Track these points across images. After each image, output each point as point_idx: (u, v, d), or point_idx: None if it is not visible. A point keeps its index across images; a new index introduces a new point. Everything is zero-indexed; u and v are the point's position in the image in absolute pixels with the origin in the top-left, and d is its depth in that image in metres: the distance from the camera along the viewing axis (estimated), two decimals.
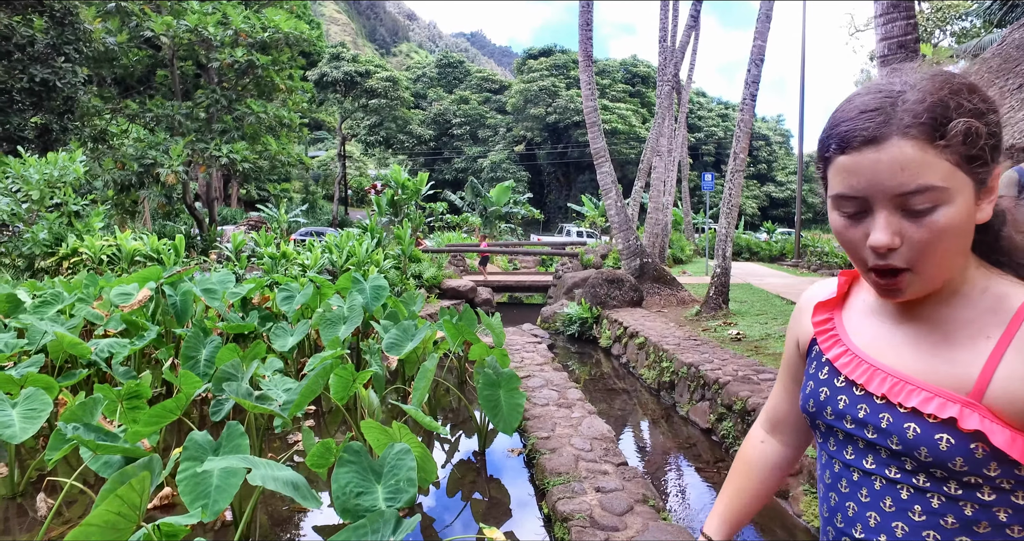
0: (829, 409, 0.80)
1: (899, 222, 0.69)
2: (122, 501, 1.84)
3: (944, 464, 0.68)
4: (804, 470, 3.78)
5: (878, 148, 0.68)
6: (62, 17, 12.21)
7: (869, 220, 0.71)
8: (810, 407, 0.84)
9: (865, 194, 0.70)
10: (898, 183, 0.67)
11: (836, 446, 0.81)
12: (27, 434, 3.17)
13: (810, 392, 0.84)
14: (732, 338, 6.97)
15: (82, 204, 10.25)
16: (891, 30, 4.62)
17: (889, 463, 0.73)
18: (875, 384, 0.75)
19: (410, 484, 2.47)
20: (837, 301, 0.88)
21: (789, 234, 28.29)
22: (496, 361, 4.59)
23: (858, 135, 0.69)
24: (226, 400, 4.03)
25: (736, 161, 8.49)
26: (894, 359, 0.76)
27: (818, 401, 0.82)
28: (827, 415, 0.81)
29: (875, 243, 0.70)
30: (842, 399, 0.79)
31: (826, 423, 0.81)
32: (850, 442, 0.78)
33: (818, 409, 0.82)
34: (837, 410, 0.79)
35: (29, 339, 4.79)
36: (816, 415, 0.83)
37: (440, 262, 13.16)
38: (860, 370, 0.78)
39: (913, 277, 0.71)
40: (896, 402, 0.72)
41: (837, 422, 0.79)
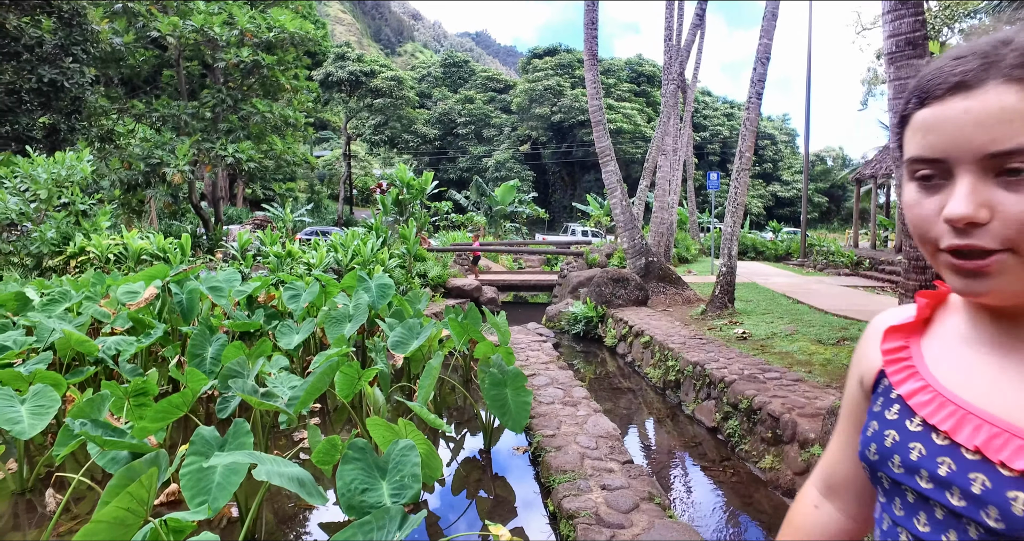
0: (897, 459, 0.61)
1: (988, 191, 0.54)
2: (131, 497, 1.85)
3: None
4: (812, 469, 3.76)
5: (968, 95, 0.55)
6: (70, 18, 12.29)
7: (949, 189, 0.57)
8: (871, 454, 0.65)
9: (946, 154, 0.56)
10: (990, 139, 0.53)
11: (904, 511, 0.61)
12: (36, 430, 3.20)
13: (872, 435, 0.65)
14: (738, 337, 6.95)
15: (89, 203, 10.30)
16: (899, 27, 4.59)
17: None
18: (965, 433, 0.56)
19: (415, 480, 2.47)
20: (916, 326, 0.69)
21: (795, 233, 28.19)
22: (501, 359, 4.59)
23: (944, 81, 0.56)
24: (232, 397, 4.05)
25: (741, 160, 8.46)
26: (992, 401, 0.57)
27: (882, 447, 0.63)
28: (893, 467, 0.62)
29: (951, 213, 0.55)
30: (916, 448, 0.60)
31: (892, 478, 0.62)
32: (924, 508, 0.59)
33: (881, 458, 0.63)
34: (908, 462, 0.60)
35: (37, 337, 4.82)
36: (878, 465, 0.64)
37: (445, 261, 13.17)
38: (944, 412, 0.59)
39: (1014, 263, 0.54)
40: (996, 461, 0.53)
41: (907, 478, 0.60)
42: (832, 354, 5.75)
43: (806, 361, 5.69)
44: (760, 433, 4.48)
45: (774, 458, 4.23)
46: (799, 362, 5.69)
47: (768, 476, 4.18)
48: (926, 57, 4.57)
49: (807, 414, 4.16)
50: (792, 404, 4.38)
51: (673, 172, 15.67)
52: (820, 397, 4.53)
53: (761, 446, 4.44)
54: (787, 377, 5.15)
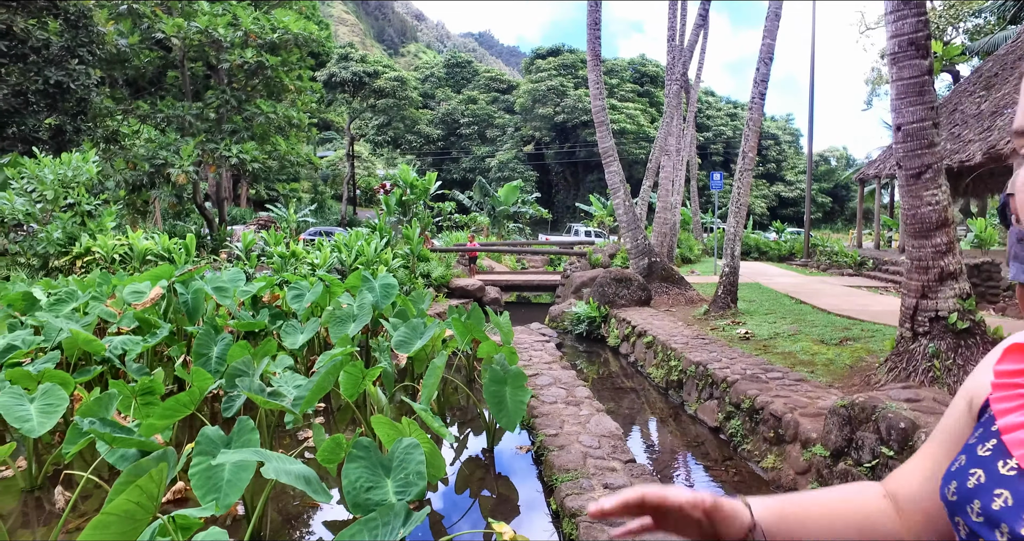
0: (977, 505, 0.51)
1: None
2: (140, 491, 1.88)
3: None
4: (814, 468, 3.78)
5: None
6: (76, 20, 12.36)
7: None
8: (950, 494, 0.55)
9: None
10: None
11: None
12: (45, 428, 3.24)
13: (956, 470, 0.56)
14: (740, 337, 6.96)
15: (95, 204, 10.37)
16: (902, 27, 4.59)
17: None
18: None
19: (419, 477, 2.50)
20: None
21: (798, 234, 28.13)
22: (504, 359, 4.62)
23: None
24: (238, 396, 4.08)
25: (745, 160, 8.47)
26: None
27: (963, 488, 0.53)
28: (972, 514, 0.52)
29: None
30: (1002, 496, 0.49)
31: (970, 526, 0.52)
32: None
33: (960, 500, 0.53)
34: (989, 511, 0.50)
35: (45, 336, 4.87)
36: (956, 510, 0.54)
37: (448, 261, 13.21)
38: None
39: None
40: None
41: (986, 530, 0.50)
42: (834, 354, 5.76)
43: (809, 361, 5.70)
44: (762, 433, 4.49)
45: (776, 458, 4.24)
46: (801, 362, 5.70)
47: (770, 475, 4.19)
48: (929, 58, 4.58)
49: (809, 414, 4.17)
50: (794, 404, 4.39)
51: (676, 172, 15.67)
52: (822, 397, 4.54)
53: (763, 446, 4.45)
54: (789, 377, 5.16)
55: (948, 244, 4.41)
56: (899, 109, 4.59)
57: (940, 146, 4.49)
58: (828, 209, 52.09)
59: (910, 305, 4.56)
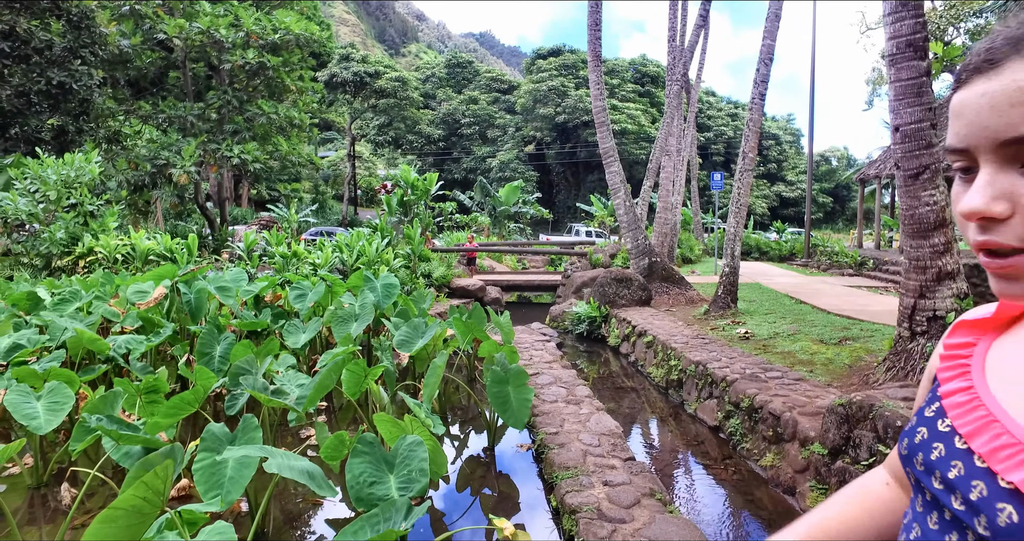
0: (920, 458, 0.60)
1: (1011, 182, 0.50)
2: (147, 487, 1.92)
3: None
4: (812, 466, 3.81)
5: (989, 76, 0.50)
6: (79, 21, 12.41)
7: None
8: (903, 449, 0.64)
9: (967, 143, 0.52)
10: (1005, 124, 0.49)
11: (923, 508, 0.60)
12: (51, 425, 3.28)
13: (908, 430, 0.64)
14: (740, 337, 6.99)
15: (97, 204, 10.42)
16: (900, 29, 4.63)
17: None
18: (982, 439, 0.53)
19: (422, 474, 2.53)
20: (994, 323, 0.63)
21: (799, 234, 28.16)
22: (505, 358, 4.65)
23: (970, 62, 0.53)
24: (241, 394, 4.12)
25: (745, 160, 8.50)
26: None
27: (912, 444, 0.62)
28: (916, 465, 0.61)
29: (961, 208, 0.52)
30: (937, 449, 0.58)
31: (915, 475, 0.61)
32: (936, 508, 0.57)
33: (910, 454, 0.63)
34: (928, 461, 0.59)
35: (50, 335, 4.91)
36: (906, 461, 0.63)
37: (449, 261, 13.25)
38: (971, 416, 0.56)
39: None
40: (995, 470, 0.51)
41: (925, 478, 0.59)
42: (833, 354, 5.79)
43: (808, 360, 5.73)
44: (761, 431, 4.53)
45: (775, 456, 4.27)
46: (801, 361, 5.73)
47: (769, 474, 4.22)
48: (927, 59, 4.61)
49: (808, 413, 4.20)
50: (793, 403, 4.43)
51: (677, 172, 15.71)
52: (821, 396, 4.58)
53: (762, 444, 4.49)
54: (789, 376, 5.20)
55: (946, 244, 4.44)
56: (897, 110, 4.62)
57: (938, 147, 4.52)
58: (829, 209, 52.11)
59: (908, 305, 4.59)
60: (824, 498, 3.39)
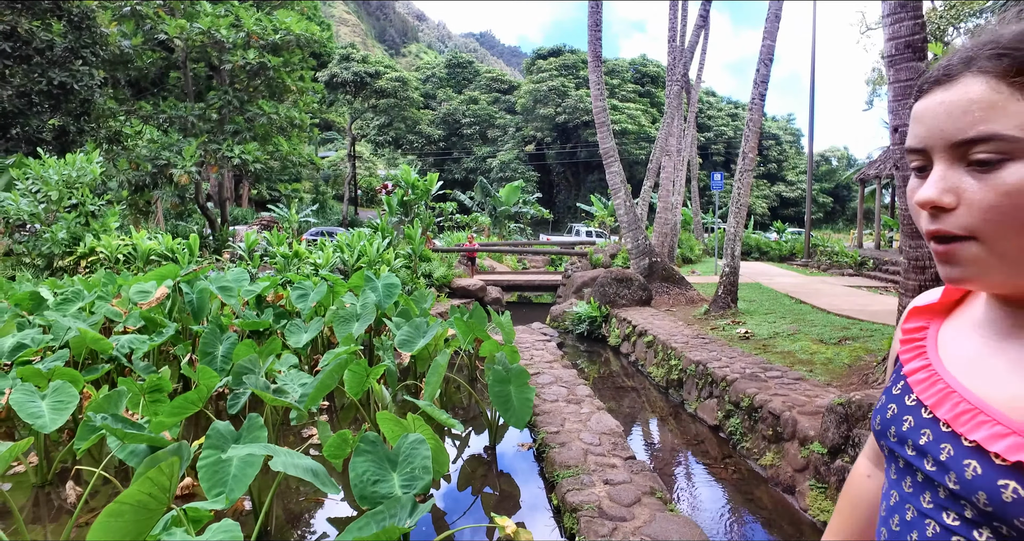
0: (893, 430, 0.69)
1: (959, 178, 0.58)
2: (153, 482, 1.94)
3: (1009, 520, 0.53)
4: (811, 465, 3.83)
5: (946, 87, 0.59)
6: (80, 21, 12.43)
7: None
8: (876, 425, 0.72)
9: (924, 144, 0.60)
10: (956, 128, 0.57)
11: (896, 475, 0.69)
12: (56, 424, 3.30)
13: (880, 408, 0.73)
14: (740, 336, 7.01)
15: (98, 204, 10.44)
16: (898, 30, 4.65)
17: (947, 506, 0.60)
18: (944, 408, 0.62)
19: (425, 472, 2.56)
20: (941, 308, 0.73)
21: (799, 234, 28.18)
22: (506, 357, 4.68)
23: (931, 75, 0.61)
24: (243, 393, 4.14)
25: (745, 160, 8.53)
26: (981, 382, 0.61)
27: (884, 419, 0.71)
28: (890, 437, 0.69)
29: (917, 198, 0.60)
30: (907, 420, 0.67)
31: (889, 446, 0.70)
32: (909, 473, 0.66)
33: (883, 428, 0.71)
34: (900, 432, 0.67)
35: (53, 335, 4.93)
36: (880, 435, 0.72)
37: (450, 261, 13.27)
38: (934, 390, 0.65)
39: (978, 252, 0.58)
40: (960, 432, 0.59)
41: (899, 447, 0.67)
42: (833, 353, 5.81)
43: (807, 360, 5.75)
44: (761, 431, 4.55)
45: (775, 455, 4.30)
46: (800, 361, 5.76)
47: (769, 473, 4.25)
48: (926, 60, 4.64)
49: (807, 412, 4.23)
50: (793, 402, 4.45)
51: (677, 172, 15.73)
52: (820, 395, 4.60)
53: (762, 443, 4.51)
54: (788, 376, 5.22)
55: None
56: (896, 111, 4.65)
57: None
58: (829, 209, 52.13)
59: (907, 305, 4.61)
60: (823, 497, 3.39)
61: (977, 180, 0.56)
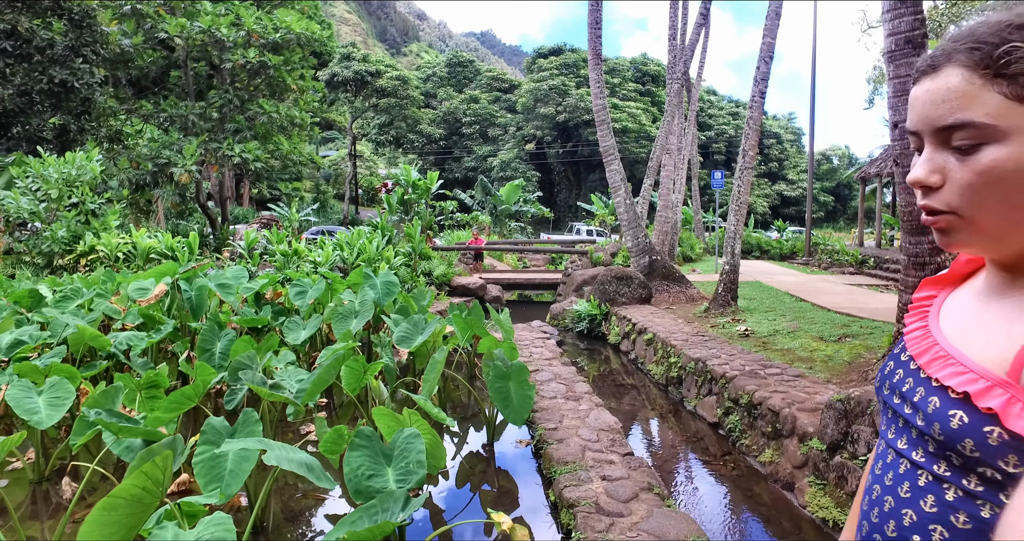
0: (887, 384, 0.75)
1: (944, 159, 0.63)
2: (147, 476, 1.94)
3: (954, 445, 0.59)
4: (810, 462, 3.82)
5: (931, 77, 0.64)
6: (80, 20, 12.43)
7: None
8: (876, 381, 0.78)
9: (916, 128, 0.66)
10: (937, 115, 0.63)
11: (885, 425, 0.74)
12: (52, 420, 3.29)
13: (882, 367, 0.78)
14: (740, 334, 6.99)
15: (98, 203, 10.44)
16: (898, 26, 4.63)
17: (917, 444, 0.65)
18: (924, 358, 0.69)
19: (419, 466, 2.54)
20: (951, 279, 0.78)
21: (800, 232, 28.13)
22: (504, 354, 4.66)
23: (920, 67, 0.66)
24: (240, 389, 4.14)
25: (745, 159, 8.50)
26: (961, 335, 0.67)
27: (882, 375, 0.77)
28: (884, 389, 0.75)
29: (908, 178, 0.66)
30: (898, 373, 0.73)
31: (882, 398, 0.76)
32: (894, 420, 0.72)
33: (880, 383, 0.77)
34: (892, 384, 0.74)
35: (51, 332, 4.93)
36: (878, 390, 0.77)
37: (450, 260, 13.26)
38: (922, 344, 0.71)
39: (959, 223, 0.63)
40: (929, 375, 0.66)
41: (889, 397, 0.73)
42: (833, 351, 5.79)
43: (807, 357, 5.74)
44: (760, 428, 4.54)
45: (774, 452, 4.28)
46: (800, 358, 5.74)
47: (768, 469, 4.23)
48: None
49: (807, 409, 4.21)
50: (792, 399, 4.43)
51: (677, 171, 15.71)
52: (820, 392, 4.58)
53: (761, 440, 4.50)
54: (788, 373, 5.20)
55: None
56: (896, 107, 4.62)
57: None
58: (830, 208, 52.06)
59: (907, 301, 4.58)
60: (822, 493, 3.38)
61: (959, 161, 0.62)
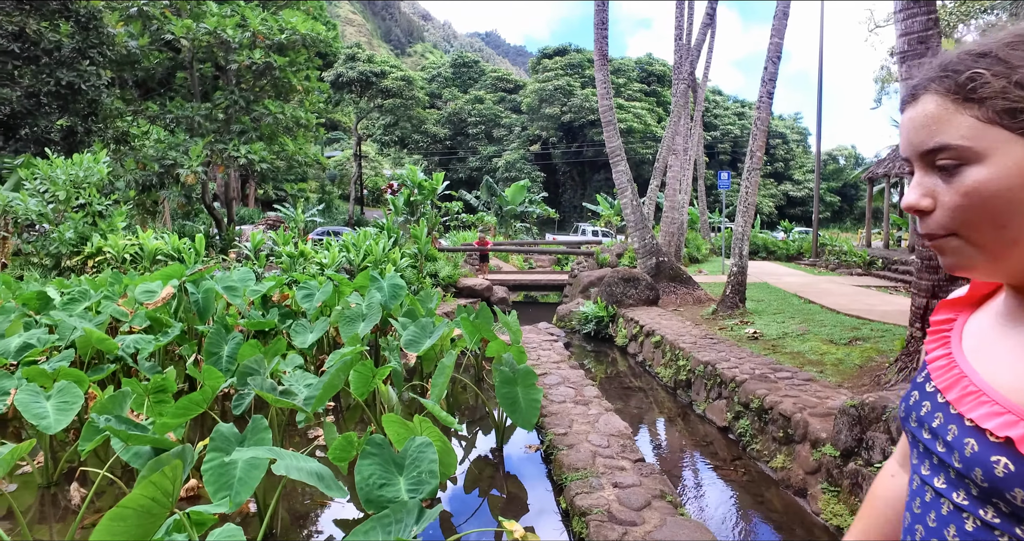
0: (914, 416, 0.71)
1: (933, 183, 0.64)
2: (156, 487, 1.91)
3: (1001, 493, 0.56)
4: (823, 468, 3.77)
5: (912, 105, 0.65)
6: (87, 22, 12.47)
7: None
8: (901, 412, 0.75)
9: (906, 154, 0.67)
10: (919, 141, 0.64)
11: (917, 459, 0.71)
12: (61, 425, 3.28)
13: (905, 395, 0.75)
14: (749, 337, 6.94)
15: (105, 204, 10.47)
16: (911, 26, 4.57)
17: (956, 486, 0.62)
18: (954, 391, 0.65)
19: (432, 476, 2.52)
20: (970, 301, 0.76)
21: (807, 233, 27.99)
22: (513, 358, 4.63)
23: (905, 95, 0.67)
24: (247, 394, 4.12)
25: (753, 159, 8.45)
26: (988, 366, 0.64)
27: (907, 406, 0.74)
28: (911, 422, 0.72)
29: (902, 204, 0.66)
30: (925, 406, 0.70)
31: (910, 431, 0.72)
32: (927, 456, 0.68)
33: (906, 414, 0.73)
34: (919, 417, 0.70)
35: (59, 334, 4.93)
36: (904, 421, 0.74)
37: (456, 261, 13.23)
38: (947, 375, 0.68)
39: (958, 245, 0.63)
40: (961, 413, 0.63)
41: (918, 431, 0.70)
42: (844, 354, 5.74)
43: (818, 361, 5.68)
44: (771, 433, 4.49)
45: (785, 458, 4.24)
46: (810, 362, 5.69)
47: (779, 475, 4.19)
48: None
49: (818, 414, 4.16)
50: (804, 404, 4.39)
51: (684, 172, 15.64)
52: (832, 397, 4.53)
53: (772, 445, 4.45)
54: (798, 377, 5.15)
55: None
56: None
57: None
58: (837, 208, 51.80)
59: (920, 305, 4.54)
60: (836, 500, 3.33)
61: (946, 184, 0.62)
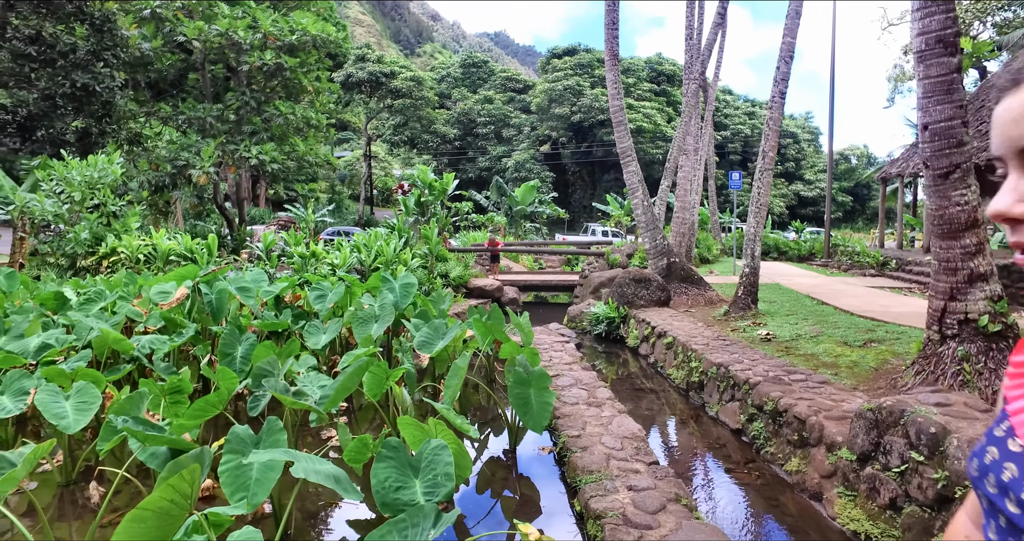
0: (992, 478, 0.59)
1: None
2: (174, 489, 1.93)
3: None
4: (839, 472, 3.74)
5: (1012, 94, 0.55)
6: (101, 24, 12.60)
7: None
8: (973, 470, 0.62)
9: (999, 152, 0.57)
10: (1019, 135, 0.54)
11: (998, 535, 0.58)
12: (80, 425, 3.32)
13: (978, 451, 0.62)
14: (762, 338, 6.89)
15: (119, 205, 10.57)
16: (929, 24, 4.52)
17: None
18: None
19: (447, 479, 2.52)
20: None
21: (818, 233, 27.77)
22: (526, 360, 4.63)
23: (999, 83, 0.58)
24: (263, 395, 4.14)
25: (764, 159, 8.39)
26: None
27: (982, 464, 0.60)
28: (989, 486, 0.59)
29: (989, 210, 0.56)
30: (1009, 469, 0.56)
31: (988, 497, 0.59)
32: (1012, 533, 0.55)
33: (980, 474, 0.61)
34: (1000, 481, 0.57)
35: (76, 335, 4.98)
36: (977, 482, 0.61)
37: (467, 261, 13.24)
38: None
39: None
40: None
41: (999, 499, 0.57)
42: (858, 356, 5.68)
43: (832, 363, 5.63)
44: (786, 435, 4.45)
45: (800, 461, 4.20)
46: (825, 364, 5.64)
47: (794, 479, 4.15)
48: (958, 55, 4.50)
49: (834, 417, 4.12)
50: (818, 406, 4.35)
51: (694, 172, 15.56)
52: (847, 400, 4.49)
53: (787, 449, 4.41)
54: (813, 379, 5.11)
55: (978, 245, 4.33)
56: (926, 108, 4.52)
57: (969, 145, 4.41)
58: (848, 208, 51.37)
59: (938, 307, 4.49)
60: (852, 505, 3.29)
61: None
